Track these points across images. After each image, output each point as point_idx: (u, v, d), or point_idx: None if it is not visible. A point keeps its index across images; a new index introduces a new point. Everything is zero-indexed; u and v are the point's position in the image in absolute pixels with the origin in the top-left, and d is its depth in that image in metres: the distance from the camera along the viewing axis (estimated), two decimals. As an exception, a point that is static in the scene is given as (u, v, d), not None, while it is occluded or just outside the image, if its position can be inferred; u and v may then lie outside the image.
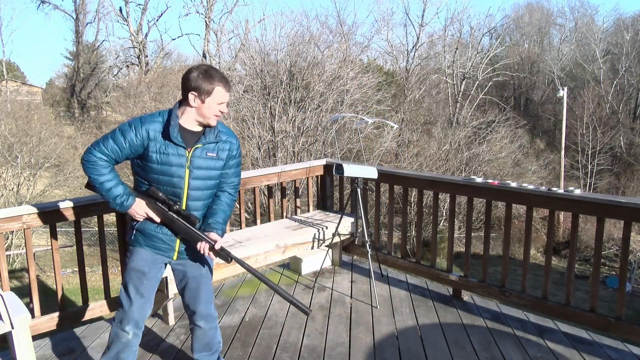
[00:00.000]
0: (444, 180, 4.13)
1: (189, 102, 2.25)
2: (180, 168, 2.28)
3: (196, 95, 2.23)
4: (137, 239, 2.40)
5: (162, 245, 2.40)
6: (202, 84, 2.21)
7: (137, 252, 2.40)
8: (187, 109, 2.28)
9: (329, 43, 21.51)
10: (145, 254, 2.39)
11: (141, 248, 2.40)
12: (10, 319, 2.50)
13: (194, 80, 2.22)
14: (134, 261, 2.39)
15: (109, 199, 2.29)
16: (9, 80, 30.43)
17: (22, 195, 17.19)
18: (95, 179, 2.26)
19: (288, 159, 16.25)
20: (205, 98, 2.24)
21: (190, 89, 2.22)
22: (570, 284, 3.36)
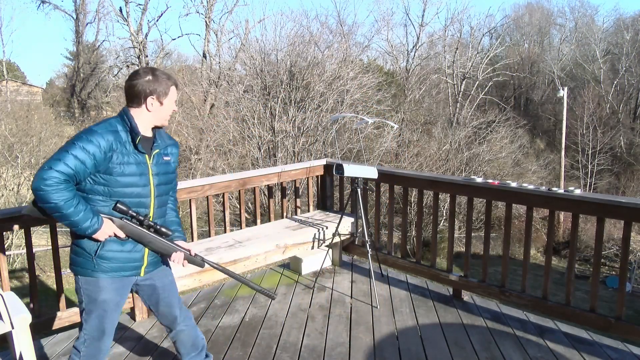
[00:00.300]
0: (444, 180, 4.13)
1: (146, 107, 2.15)
2: (145, 177, 2.16)
3: (155, 98, 2.15)
4: (100, 266, 2.14)
5: (130, 264, 2.21)
6: (158, 86, 2.15)
7: (103, 281, 2.15)
8: (141, 115, 2.16)
9: (329, 43, 21.55)
10: (114, 282, 2.18)
11: (106, 276, 2.16)
12: (10, 319, 2.50)
13: (148, 84, 2.13)
14: (104, 293, 2.16)
15: (80, 224, 2.01)
16: (9, 80, 30.44)
17: (22, 195, 17.20)
18: (62, 205, 1.95)
19: (288, 159, 16.26)
20: (163, 99, 2.18)
21: (147, 94, 2.13)
22: (570, 284, 3.36)
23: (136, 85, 2.13)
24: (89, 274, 2.15)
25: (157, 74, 2.18)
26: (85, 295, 2.17)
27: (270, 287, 4.19)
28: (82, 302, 2.20)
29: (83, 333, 2.23)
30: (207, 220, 4.20)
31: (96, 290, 2.16)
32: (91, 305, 2.18)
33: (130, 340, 3.25)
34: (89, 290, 2.16)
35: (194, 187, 3.87)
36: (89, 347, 2.23)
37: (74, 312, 3.28)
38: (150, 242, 2.20)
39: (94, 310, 2.18)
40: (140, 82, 2.13)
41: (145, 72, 2.16)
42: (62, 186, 1.95)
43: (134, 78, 2.15)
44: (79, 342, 2.25)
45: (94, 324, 2.20)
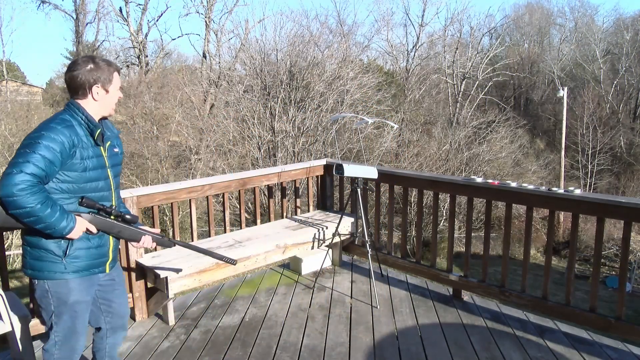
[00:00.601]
0: (444, 180, 4.13)
1: (92, 97, 2.09)
2: (104, 169, 2.14)
3: (100, 86, 2.09)
4: (71, 266, 2.08)
5: (98, 260, 2.17)
6: (102, 74, 2.09)
7: (72, 282, 2.10)
8: (88, 106, 2.10)
9: (329, 43, 21.56)
10: (83, 281, 2.14)
11: (76, 276, 2.10)
12: (10, 319, 2.50)
13: (90, 73, 2.07)
14: (74, 294, 2.11)
15: (57, 225, 1.94)
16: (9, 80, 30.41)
17: (22, 195, 17.19)
18: (39, 208, 1.88)
19: (288, 159, 16.26)
20: (108, 87, 2.13)
21: (92, 83, 2.07)
22: (570, 284, 3.36)
23: (78, 75, 2.06)
24: (58, 277, 2.07)
25: (98, 61, 2.11)
26: (54, 299, 2.10)
27: (270, 287, 4.19)
28: (50, 305, 2.11)
29: (54, 335, 2.17)
30: (207, 220, 4.20)
31: (66, 292, 2.10)
32: (62, 307, 2.12)
33: (130, 340, 3.25)
34: (58, 293, 2.10)
35: (194, 187, 3.87)
36: (61, 348, 2.19)
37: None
38: (121, 231, 2.19)
39: (65, 312, 2.13)
40: (82, 71, 2.07)
41: (85, 61, 2.09)
42: (36, 189, 1.88)
43: (74, 68, 2.07)
44: (50, 344, 2.19)
45: (65, 325, 2.16)
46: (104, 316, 2.34)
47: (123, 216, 2.18)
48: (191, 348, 3.16)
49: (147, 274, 3.43)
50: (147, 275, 3.45)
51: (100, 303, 2.31)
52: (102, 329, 2.37)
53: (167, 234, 3.72)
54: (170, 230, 3.94)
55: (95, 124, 2.10)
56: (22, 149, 1.92)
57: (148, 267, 3.35)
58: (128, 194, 3.44)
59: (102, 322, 2.35)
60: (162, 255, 3.55)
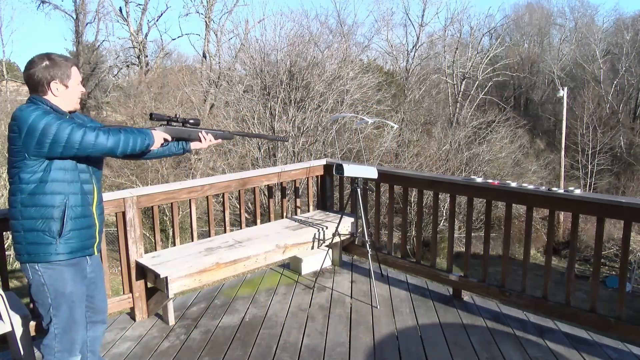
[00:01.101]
0: (444, 180, 4.13)
1: (52, 93, 2.13)
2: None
3: (58, 82, 2.13)
4: (66, 247, 2.15)
5: (88, 241, 2.25)
6: (58, 70, 2.12)
7: (67, 273, 2.17)
8: (50, 102, 2.14)
9: (329, 43, 21.55)
10: (76, 272, 2.21)
11: (69, 257, 2.16)
12: (10, 319, 2.50)
13: (47, 70, 2.10)
14: (70, 285, 2.18)
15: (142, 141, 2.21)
16: (9, 80, 30.41)
17: (22, 195, 17.16)
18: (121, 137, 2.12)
19: (288, 159, 16.25)
20: (68, 82, 2.16)
21: (49, 80, 2.10)
22: (570, 284, 3.36)
23: (35, 73, 2.09)
24: (53, 259, 2.13)
25: (54, 57, 2.13)
26: (50, 291, 2.16)
27: (270, 287, 4.19)
28: (47, 298, 2.17)
29: (53, 328, 2.20)
30: (207, 220, 4.20)
31: (62, 284, 2.17)
32: (60, 299, 2.17)
33: (130, 341, 3.25)
34: (54, 285, 2.16)
35: (194, 187, 3.88)
36: (61, 340, 2.22)
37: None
38: (190, 134, 2.51)
39: (62, 302, 2.18)
40: (38, 69, 2.09)
41: (40, 59, 2.11)
42: (103, 129, 2.09)
43: (30, 67, 2.10)
44: (49, 337, 2.22)
45: (64, 316, 2.20)
46: (85, 311, 2.36)
47: (187, 121, 2.49)
48: (191, 348, 3.16)
49: (147, 274, 3.43)
50: (147, 275, 3.45)
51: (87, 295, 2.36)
52: None
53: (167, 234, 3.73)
54: (170, 230, 3.94)
55: (62, 112, 2.16)
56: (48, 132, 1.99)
57: (148, 267, 3.35)
58: (128, 194, 3.44)
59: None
60: (162, 255, 3.55)
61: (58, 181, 2.10)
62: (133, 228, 3.44)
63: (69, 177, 2.14)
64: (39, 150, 2.02)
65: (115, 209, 3.40)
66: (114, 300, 3.47)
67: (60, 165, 2.11)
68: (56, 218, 2.11)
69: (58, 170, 2.10)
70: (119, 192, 3.50)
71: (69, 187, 2.14)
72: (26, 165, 2.06)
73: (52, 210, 2.10)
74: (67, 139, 2.02)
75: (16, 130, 2.02)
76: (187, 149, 2.57)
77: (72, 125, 2.03)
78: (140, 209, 3.51)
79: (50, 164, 2.08)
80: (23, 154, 2.04)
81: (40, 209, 2.09)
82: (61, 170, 2.11)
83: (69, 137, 2.02)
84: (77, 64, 2.23)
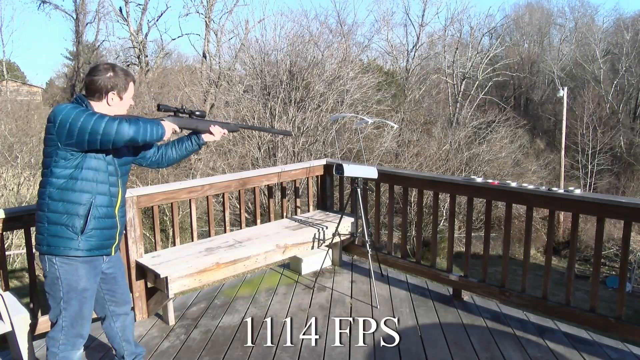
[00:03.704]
0: (444, 180, 4.13)
1: (107, 102, 2.27)
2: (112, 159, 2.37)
3: (115, 93, 2.28)
4: (86, 244, 2.21)
5: (107, 241, 2.31)
6: (119, 82, 2.27)
7: (82, 270, 2.23)
8: (100, 108, 2.26)
9: (329, 43, 21.53)
10: (90, 269, 2.27)
11: (88, 254, 2.23)
12: (11, 319, 2.50)
13: (109, 80, 2.25)
14: (83, 281, 2.25)
15: (153, 125, 2.24)
16: (9, 80, 30.41)
17: (22, 195, 17.18)
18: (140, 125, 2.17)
19: (288, 159, 16.25)
20: (123, 95, 2.31)
21: (109, 89, 2.26)
22: (570, 284, 3.36)
23: (98, 80, 2.24)
24: (72, 254, 2.19)
25: (117, 70, 2.29)
26: (64, 285, 2.23)
27: (270, 287, 4.19)
28: (60, 292, 2.23)
29: (61, 320, 2.26)
30: (207, 220, 4.20)
31: (76, 279, 2.24)
32: (71, 293, 2.24)
33: (130, 340, 3.24)
34: (68, 280, 2.22)
35: (194, 187, 3.87)
36: (67, 334, 2.29)
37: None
38: (198, 125, 2.53)
39: (74, 297, 2.25)
40: (102, 78, 2.24)
41: (106, 69, 2.26)
42: (117, 120, 2.12)
43: (95, 74, 2.25)
44: (56, 329, 2.28)
45: (73, 310, 2.26)
46: (108, 305, 2.48)
47: (194, 112, 2.52)
48: (191, 348, 3.17)
49: (147, 274, 3.43)
50: (147, 275, 3.45)
51: (105, 293, 2.45)
52: (107, 316, 2.51)
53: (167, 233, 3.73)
54: (171, 230, 3.94)
55: None
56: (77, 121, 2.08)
57: (148, 267, 3.35)
58: (128, 194, 3.43)
59: (107, 311, 2.50)
60: (162, 255, 3.55)
61: (88, 180, 2.20)
62: (133, 228, 3.44)
63: (99, 178, 2.23)
64: (70, 140, 2.10)
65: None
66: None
67: (93, 165, 2.21)
68: (81, 215, 2.19)
69: (89, 170, 2.20)
70: (119, 192, 3.50)
71: (97, 187, 2.23)
72: (59, 157, 2.15)
73: (78, 207, 2.18)
74: (92, 126, 2.09)
75: (52, 120, 2.13)
76: (201, 143, 2.59)
77: (98, 114, 2.13)
78: (140, 208, 3.51)
79: (83, 162, 2.18)
80: (56, 142, 2.13)
81: (66, 204, 2.17)
82: (92, 171, 2.21)
83: (94, 124, 2.09)
84: (134, 80, 2.39)
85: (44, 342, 3.20)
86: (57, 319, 2.28)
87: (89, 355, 3.08)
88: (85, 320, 2.33)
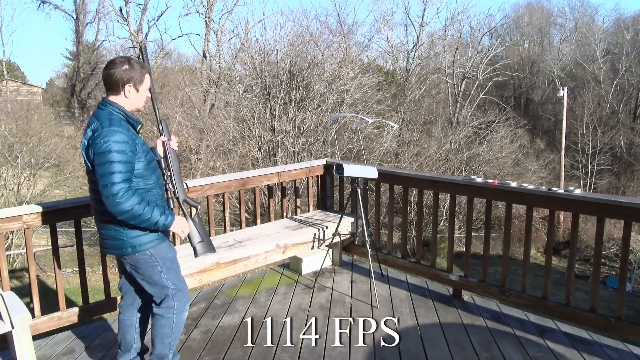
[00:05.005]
0: (444, 180, 4.13)
1: (124, 94, 2.33)
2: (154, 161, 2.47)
3: (131, 85, 2.33)
4: (161, 233, 2.46)
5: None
6: (134, 74, 2.32)
7: (165, 243, 2.49)
8: (120, 102, 2.34)
9: (329, 43, 21.53)
10: (168, 241, 2.54)
11: (165, 238, 2.50)
12: (11, 319, 2.50)
13: (125, 73, 2.30)
14: (171, 250, 2.53)
15: (155, 219, 2.27)
16: (9, 80, 30.40)
17: (22, 195, 17.18)
18: (136, 209, 2.19)
19: (288, 159, 16.25)
20: (139, 87, 2.36)
21: (125, 82, 2.31)
22: (570, 284, 3.36)
23: (114, 74, 2.30)
24: (156, 243, 2.43)
25: (133, 62, 2.34)
26: (159, 259, 2.45)
27: (270, 287, 4.19)
28: (157, 266, 2.45)
29: (170, 289, 2.49)
30: (207, 220, 4.20)
31: (166, 251, 2.49)
32: (168, 263, 2.48)
33: (130, 340, 3.24)
34: (160, 254, 2.45)
35: (194, 187, 3.87)
36: (177, 297, 2.51)
37: (74, 312, 3.28)
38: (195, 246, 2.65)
39: (170, 265, 2.50)
40: (118, 71, 2.29)
41: (121, 62, 2.32)
42: (130, 192, 2.18)
43: (111, 67, 2.31)
44: (168, 299, 2.50)
45: (175, 274, 2.52)
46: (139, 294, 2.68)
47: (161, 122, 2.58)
48: (191, 348, 3.16)
49: (147, 274, 3.43)
50: (147, 275, 3.45)
51: None
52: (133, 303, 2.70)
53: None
54: (170, 230, 3.92)
55: (136, 119, 2.38)
56: (101, 164, 2.18)
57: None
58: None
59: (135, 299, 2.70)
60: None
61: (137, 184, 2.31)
62: (133, 228, 3.44)
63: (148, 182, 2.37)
64: None
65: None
66: (113, 301, 3.47)
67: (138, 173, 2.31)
68: None
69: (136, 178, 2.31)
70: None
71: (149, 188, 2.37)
72: None
73: None
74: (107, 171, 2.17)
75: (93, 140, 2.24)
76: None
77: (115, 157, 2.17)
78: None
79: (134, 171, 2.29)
80: None
81: None
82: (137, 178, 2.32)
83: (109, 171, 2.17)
84: (150, 72, 2.43)
85: (44, 342, 3.22)
86: (166, 294, 2.49)
87: (89, 355, 3.09)
88: (184, 281, 2.60)
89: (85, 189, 20.12)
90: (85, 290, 3.39)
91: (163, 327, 2.52)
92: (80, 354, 3.09)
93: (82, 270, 3.37)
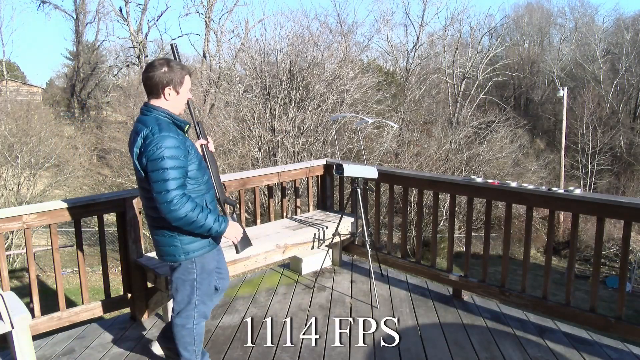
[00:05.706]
0: (444, 180, 4.13)
1: (165, 97, 2.30)
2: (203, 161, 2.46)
3: (171, 88, 2.30)
4: (212, 240, 2.50)
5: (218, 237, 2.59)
6: (174, 77, 2.29)
7: (209, 255, 2.52)
8: (161, 105, 2.32)
9: (329, 43, 21.50)
10: (214, 253, 2.57)
11: (214, 245, 2.53)
12: (11, 319, 2.50)
13: (164, 75, 2.27)
14: (213, 262, 2.56)
15: (209, 226, 2.30)
16: (9, 80, 30.39)
17: (22, 195, 17.18)
18: (190, 216, 2.20)
19: (288, 159, 16.25)
20: (179, 89, 2.33)
21: (165, 85, 2.28)
22: (570, 284, 3.36)
23: (153, 77, 2.27)
24: (206, 251, 2.47)
25: (172, 64, 2.30)
26: (198, 268, 2.46)
27: (270, 287, 4.19)
28: (194, 274, 2.46)
29: (195, 297, 2.50)
30: (207, 220, 4.19)
31: (208, 262, 2.51)
32: (204, 274, 2.50)
33: (130, 340, 3.25)
34: (202, 264, 2.48)
35: (194, 187, 3.87)
36: (199, 305, 2.54)
37: (74, 312, 3.28)
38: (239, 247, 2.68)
39: (206, 278, 2.52)
40: (157, 73, 2.26)
41: (160, 64, 2.28)
42: (184, 199, 2.20)
43: (150, 70, 2.28)
44: (190, 307, 2.51)
45: (206, 287, 2.54)
46: (217, 279, 2.70)
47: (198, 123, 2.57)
48: (191, 348, 3.16)
49: (147, 273, 3.43)
50: (147, 275, 3.45)
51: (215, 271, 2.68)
52: (218, 289, 2.74)
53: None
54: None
55: (183, 121, 2.35)
56: (155, 170, 2.18)
57: (148, 267, 3.35)
58: (128, 194, 3.44)
59: (216, 284, 2.72)
60: (162, 255, 3.54)
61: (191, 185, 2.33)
62: (133, 228, 3.44)
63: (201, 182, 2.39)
64: None
65: (115, 209, 3.40)
66: (113, 301, 3.47)
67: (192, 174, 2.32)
68: None
69: (190, 180, 2.32)
70: (119, 192, 3.51)
71: (201, 190, 2.39)
72: None
73: None
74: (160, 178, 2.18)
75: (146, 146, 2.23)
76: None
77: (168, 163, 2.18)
78: (140, 209, 3.50)
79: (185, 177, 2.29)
80: None
81: None
82: (191, 180, 2.34)
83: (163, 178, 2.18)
84: (190, 72, 2.39)
85: (44, 342, 3.22)
86: (190, 300, 2.51)
87: (89, 355, 3.09)
88: (211, 296, 2.66)
89: (85, 189, 20.16)
90: (85, 290, 3.39)
91: (184, 337, 2.56)
92: (80, 354, 3.09)
93: (82, 270, 3.37)
